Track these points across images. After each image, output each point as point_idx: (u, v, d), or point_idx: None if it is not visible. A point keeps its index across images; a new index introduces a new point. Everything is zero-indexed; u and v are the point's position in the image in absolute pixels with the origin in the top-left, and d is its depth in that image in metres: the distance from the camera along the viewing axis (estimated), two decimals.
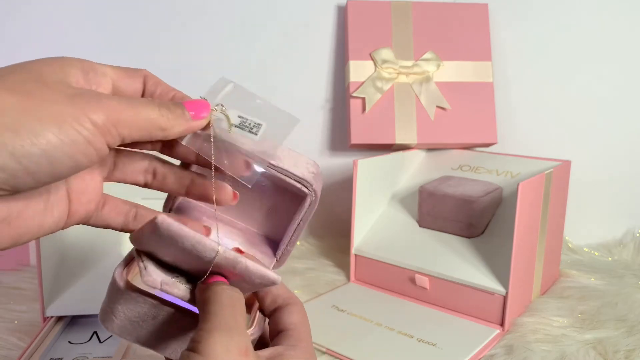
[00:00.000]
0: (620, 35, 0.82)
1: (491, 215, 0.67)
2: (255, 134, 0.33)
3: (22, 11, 0.82)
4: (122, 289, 0.31)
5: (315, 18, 0.84)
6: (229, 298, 0.28)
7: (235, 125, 0.33)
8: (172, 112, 0.30)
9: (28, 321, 0.60)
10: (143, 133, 0.28)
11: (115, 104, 0.27)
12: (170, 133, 0.30)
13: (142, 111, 0.28)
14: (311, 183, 0.35)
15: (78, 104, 0.26)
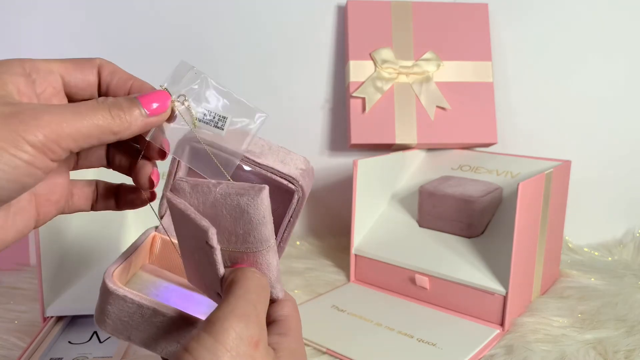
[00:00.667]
0: (620, 35, 0.82)
1: (491, 215, 0.67)
2: (221, 129, 0.32)
3: (22, 11, 0.82)
4: (110, 289, 0.32)
5: (315, 18, 0.84)
6: (256, 286, 0.28)
7: (198, 119, 0.31)
8: (126, 112, 0.28)
9: (28, 321, 0.60)
10: (92, 141, 0.27)
11: (56, 118, 0.25)
12: (125, 135, 0.28)
13: (88, 119, 0.27)
14: (297, 179, 0.34)
15: (13, 125, 0.24)
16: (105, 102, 0.28)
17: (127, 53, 0.85)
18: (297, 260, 0.78)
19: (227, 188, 0.30)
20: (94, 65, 0.31)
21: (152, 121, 0.30)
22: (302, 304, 0.65)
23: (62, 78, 0.30)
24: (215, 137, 0.32)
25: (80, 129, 0.26)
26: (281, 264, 0.81)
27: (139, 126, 0.29)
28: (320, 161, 0.88)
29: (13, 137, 0.24)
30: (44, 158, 0.25)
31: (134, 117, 0.28)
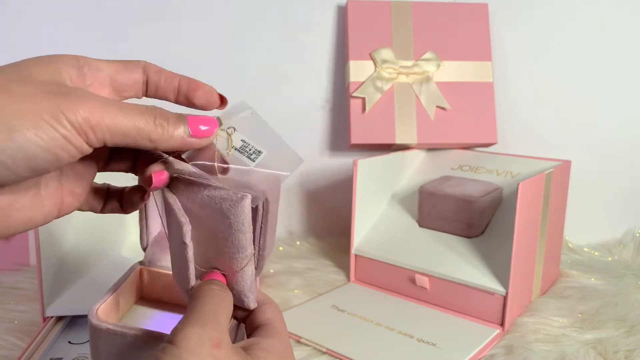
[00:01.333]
0: (620, 34, 0.82)
1: (491, 215, 0.67)
2: (252, 160, 0.32)
3: (21, 11, 0.82)
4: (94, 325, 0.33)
5: (315, 18, 0.84)
6: (213, 297, 0.30)
7: (235, 147, 0.32)
8: (170, 125, 0.29)
9: (28, 321, 0.60)
10: (128, 140, 0.28)
11: (100, 107, 0.26)
12: (161, 146, 0.29)
13: (131, 118, 0.27)
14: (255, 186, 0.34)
15: (58, 101, 0.25)
16: (154, 110, 0.29)
17: (124, 55, 0.85)
18: (297, 260, 0.78)
19: (214, 191, 0.31)
20: (138, 66, 0.32)
21: (192, 142, 0.30)
22: (302, 304, 0.65)
23: (110, 77, 0.31)
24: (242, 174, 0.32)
25: (119, 124, 0.27)
26: (281, 264, 0.81)
27: (177, 142, 0.29)
28: (320, 161, 0.88)
29: (54, 111, 0.25)
30: (79, 138, 0.26)
31: (176, 133, 0.29)
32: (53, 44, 0.83)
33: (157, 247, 0.42)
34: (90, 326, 0.34)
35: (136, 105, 0.29)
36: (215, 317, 0.28)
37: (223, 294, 0.31)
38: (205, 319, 0.28)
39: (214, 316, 0.28)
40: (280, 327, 0.33)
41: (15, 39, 0.83)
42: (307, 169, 0.88)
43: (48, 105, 0.25)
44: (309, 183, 0.89)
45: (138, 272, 0.42)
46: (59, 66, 0.28)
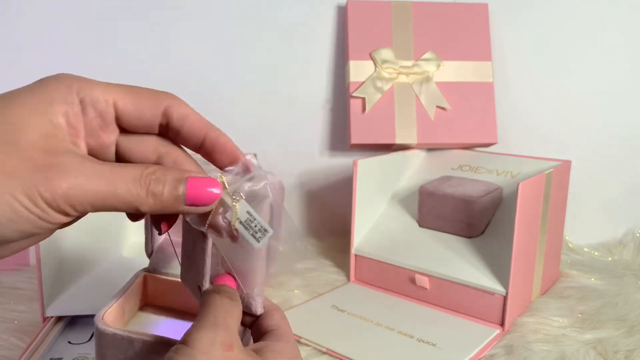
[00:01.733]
0: (620, 34, 0.82)
1: (491, 215, 0.67)
2: (257, 240, 0.30)
3: (21, 11, 0.82)
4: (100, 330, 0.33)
5: (315, 18, 0.84)
6: (224, 303, 0.30)
7: (240, 220, 0.30)
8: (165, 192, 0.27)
9: (28, 321, 0.60)
10: (115, 210, 0.26)
11: (83, 181, 0.25)
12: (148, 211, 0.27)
13: (118, 192, 0.25)
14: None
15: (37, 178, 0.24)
16: (149, 175, 0.27)
17: (124, 55, 0.85)
18: None
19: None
20: (160, 103, 0.28)
21: (187, 210, 0.28)
22: (302, 304, 0.65)
23: (116, 110, 0.28)
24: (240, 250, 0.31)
25: (105, 199, 0.26)
26: None
27: (170, 210, 0.27)
28: (320, 161, 0.88)
29: (31, 192, 0.24)
30: (55, 215, 0.25)
31: (170, 201, 0.27)
32: (53, 44, 0.83)
33: (162, 254, 0.42)
34: (96, 331, 0.34)
35: (129, 170, 0.26)
36: (225, 321, 0.29)
37: (233, 301, 0.31)
38: (217, 323, 0.29)
39: (224, 320, 0.29)
40: (288, 332, 0.34)
41: (15, 39, 0.83)
42: (307, 169, 0.88)
43: (26, 183, 0.24)
44: (309, 183, 0.89)
45: (143, 278, 0.42)
46: (54, 107, 0.26)
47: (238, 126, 0.87)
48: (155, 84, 0.78)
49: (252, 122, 0.87)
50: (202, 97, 0.87)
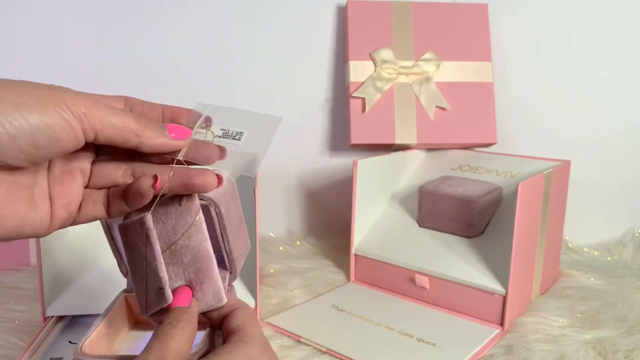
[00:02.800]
0: (620, 35, 0.82)
1: (491, 215, 0.67)
2: (239, 140, 0.35)
3: (21, 12, 0.83)
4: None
5: (315, 18, 0.84)
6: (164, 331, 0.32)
7: (218, 136, 0.35)
8: (152, 124, 0.33)
9: (28, 321, 0.60)
10: (115, 132, 0.31)
11: (92, 101, 0.30)
12: (145, 142, 0.32)
13: (119, 114, 0.31)
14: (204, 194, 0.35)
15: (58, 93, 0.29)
16: (137, 114, 0.33)
17: (123, 54, 0.85)
18: (297, 260, 0.78)
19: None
20: (120, 98, 0.34)
21: (172, 144, 0.33)
22: (302, 303, 0.65)
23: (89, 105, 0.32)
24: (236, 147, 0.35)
25: (109, 117, 0.31)
26: (281, 264, 0.81)
27: (159, 141, 0.33)
28: (320, 161, 0.88)
29: (57, 100, 0.29)
30: (76, 124, 0.29)
31: (157, 131, 0.33)
32: (51, 42, 0.83)
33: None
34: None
35: (121, 109, 0.32)
36: (160, 343, 0.31)
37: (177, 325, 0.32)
38: (152, 346, 0.31)
39: (159, 342, 0.31)
40: (251, 330, 0.34)
41: (14, 37, 0.83)
42: (307, 169, 0.88)
43: (51, 94, 0.29)
44: (309, 183, 0.89)
45: (124, 299, 0.43)
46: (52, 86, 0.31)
47: None
48: (154, 84, 0.79)
49: None
50: (202, 97, 0.87)
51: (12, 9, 0.82)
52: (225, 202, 0.36)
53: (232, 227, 0.37)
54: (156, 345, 0.31)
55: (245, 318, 0.35)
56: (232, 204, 0.37)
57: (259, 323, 0.36)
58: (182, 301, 0.34)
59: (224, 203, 0.36)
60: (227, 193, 0.36)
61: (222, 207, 0.35)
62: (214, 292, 0.35)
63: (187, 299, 0.34)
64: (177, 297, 0.34)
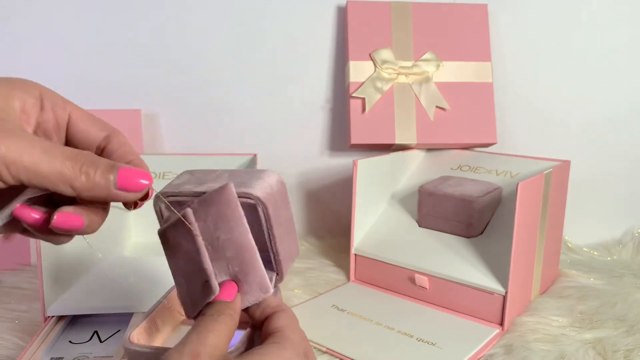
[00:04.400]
0: (620, 35, 0.82)
1: (491, 215, 0.67)
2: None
3: (21, 11, 0.83)
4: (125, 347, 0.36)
5: (315, 18, 0.84)
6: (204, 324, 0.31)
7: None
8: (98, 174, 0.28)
9: (29, 321, 0.60)
10: (46, 183, 0.27)
11: (22, 147, 0.25)
12: (83, 195, 0.28)
13: (54, 163, 0.26)
14: (252, 193, 0.35)
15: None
16: (84, 156, 0.28)
17: (124, 53, 0.85)
18: (297, 260, 0.78)
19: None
20: (106, 129, 0.32)
21: (118, 195, 0.29)
22: (302, 303, 0.65)
23: (69, 119, 0.31)
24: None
25: (40, 167, 0.26)
26: None
27: (102, 193, 0.28)
28: (320, 161, 0.88)
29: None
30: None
31: (101, 182, 0.28)
32: (54, 32, 0.84)
33: None
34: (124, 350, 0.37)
35: (66, 149, 0.27)
36: (198, 335, 0.30)
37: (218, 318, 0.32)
38: (186, 340, 0.30)
39: (198, 335, 0.30)
40: (290, 334, 0.33)
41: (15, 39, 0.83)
42: (307, 169, 0.88)
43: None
44: (309, 183, 0.89)
45: (174, 295, 0.43)
46: (15, 93, 0.28)
47: (238, 126, 0.87)
48: (152, 83, 0.78)
49: (252, 122, 0.87)
50: (202, 97, 0.87)
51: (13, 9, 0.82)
52: (274, 202, 0.36)
53: (280, 229, 0.37)
54: (194, 337, 0.30)
55: (286, 321, 0.34)
56: (281, 205, 0.37)
57: (301, 328, 0.35)
58: (227, 295, 0.34)
59: (272, 204, 0.36)
60: (277, 194, 0.37)
61: (270, 207, 0.35)
62: (260, 282, 0.35)
63: (232, 293, 0.34)
64: (223, 290, 0.34)
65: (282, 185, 0.38)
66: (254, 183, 0.36)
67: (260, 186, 0.36)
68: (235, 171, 0.38)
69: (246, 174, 0.38)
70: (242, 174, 0.38)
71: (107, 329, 0.56)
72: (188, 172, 0.39)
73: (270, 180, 0.38)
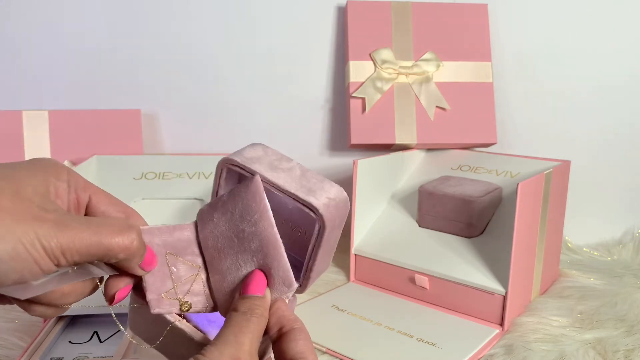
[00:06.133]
0: (620, 35, 0.82)
1: (491, 215, 0.67)
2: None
3: (22, 11, 0.83)
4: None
5: (315, 18, 0.84)
6: (239, 321, 0.32)
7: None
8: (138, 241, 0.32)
9: (29, 321, 0.60)
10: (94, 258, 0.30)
11: (74, 233, 0.29)
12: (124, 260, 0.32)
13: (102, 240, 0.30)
14: (317, 208, 0.34)
15: (35, 226, 0.28)
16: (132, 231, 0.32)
17: (126, 51, 0.85)
18: None
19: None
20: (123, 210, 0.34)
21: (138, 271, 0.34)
22: (302, 303, 0.65)
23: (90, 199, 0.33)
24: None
25: (89, 247, 0.29)
26: None
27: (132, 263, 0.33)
28: (320, 161, 0.88)
29: (32, 238, 0.27)
30: (48, 262, 0.28)
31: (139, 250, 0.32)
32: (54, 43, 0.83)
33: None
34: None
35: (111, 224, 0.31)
36: (237, 337, 0.31)
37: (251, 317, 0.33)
38: (228, 339, 0.31)
39: (235, 337, 0.31)
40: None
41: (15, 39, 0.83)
42: None
43: (28, 231, 0.27)
44: None
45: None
46: (49, 179, 0.31)
47: (238, 126, 0.87)
48: (152, 83, 0.78)
49: (252, 122, 0.87)
50: (202, 98, 0.87)
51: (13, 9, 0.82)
52: (332, 224, 0.35)
53: (325, 248, 0.36)
54: (231, 339, 0.31)
55: (306, 346, 0.33)
56: (337, 227, 0.36)
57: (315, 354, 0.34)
58: (257, 289, 0.34)
59: (331, 225, 0.35)
60: (337, 216, 0.36)
61: (327, 228, 0.35)
62: (284, 276, 0.34)
63: (262, 286, 0.34)
64: (252, 283, 0.34)
65: (346, 207, 0.36)
66: (322, 195, 0.35)
67: (327, 200, 0.35)
68: (306, 172, 0.37)
69: (317, 180, 0.36)
70: (313, 179, 0.36)
71: (107, 329, 0.56)
72: (262, 147, 0.38)
73: (338, 199, 0.36)
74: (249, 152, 0.37)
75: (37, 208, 0.29)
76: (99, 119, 0.79)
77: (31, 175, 0.30)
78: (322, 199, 0.35)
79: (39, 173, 0.31)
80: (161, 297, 0.35)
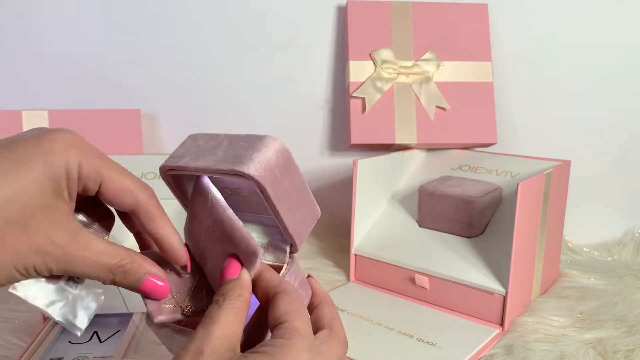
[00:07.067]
0: (620, 35, 0.82)
1: (491, 215, 0.67)
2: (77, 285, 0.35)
3: (22, 11, 0.83)
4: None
5: (315, 18, 0.84)
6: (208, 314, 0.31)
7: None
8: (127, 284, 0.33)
9: (28, 321, 0.60)
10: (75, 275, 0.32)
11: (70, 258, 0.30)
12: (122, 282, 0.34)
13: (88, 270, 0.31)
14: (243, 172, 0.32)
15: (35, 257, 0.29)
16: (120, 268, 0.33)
17: (127, 51, 0.85)
18: (298, 260, 0.78)
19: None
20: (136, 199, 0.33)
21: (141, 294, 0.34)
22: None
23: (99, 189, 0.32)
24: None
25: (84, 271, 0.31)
26: None
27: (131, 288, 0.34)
28: (320, 161, 0.88)
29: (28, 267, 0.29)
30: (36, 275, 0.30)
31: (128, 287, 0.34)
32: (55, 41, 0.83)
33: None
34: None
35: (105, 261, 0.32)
36: (203, 329, 0.29)
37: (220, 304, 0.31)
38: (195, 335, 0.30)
39: (202, 328, 0.30)
40: (295, 324, 0.31)
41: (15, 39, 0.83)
42: (307, 169, 0.88)
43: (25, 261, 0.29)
44: (309, 183, 0.88)
45: None
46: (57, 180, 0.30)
47: (238, 126, 0.87)
48: (152, 83, 0.78)
49: (252, 122, 0.87)
50: (202, 97, 0.87)
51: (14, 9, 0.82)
52: (273, 178, 0.33)
53: (287, 202, 0.35)
54: (199, 333, 0.29)
55: (289, 307, 0.31)
56: (284, 176, 0.34)
57: (307, 312, 0.32)
58: (231, 273, 0.32)
59: (270, 179, 0.33)
60: (276, 167, 0.34)
61: (268, 184, 0.33)
62: (246, 247, 0.33)
63: (235, 269, 0.33)
64: (224, 270, 0.33)
65: (284, 154, 0.35)
66: (250, 157, 0.33)
67: (257, 160, 0.33)
68: (234, 139, 0.36)
69: (245, 142, 0.35)
70: (241, 143, 0.35)
71: (107, 329, 0.56)
72: (191, 137, 0.37)
73: (269, 152, 0.34)
74: (177, 150, 0.37)
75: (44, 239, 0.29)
76: (98, 119, 0.79)
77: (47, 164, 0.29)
78: (249, 160, 0.33)
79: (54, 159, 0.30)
80: (161, 306, 0.34)
